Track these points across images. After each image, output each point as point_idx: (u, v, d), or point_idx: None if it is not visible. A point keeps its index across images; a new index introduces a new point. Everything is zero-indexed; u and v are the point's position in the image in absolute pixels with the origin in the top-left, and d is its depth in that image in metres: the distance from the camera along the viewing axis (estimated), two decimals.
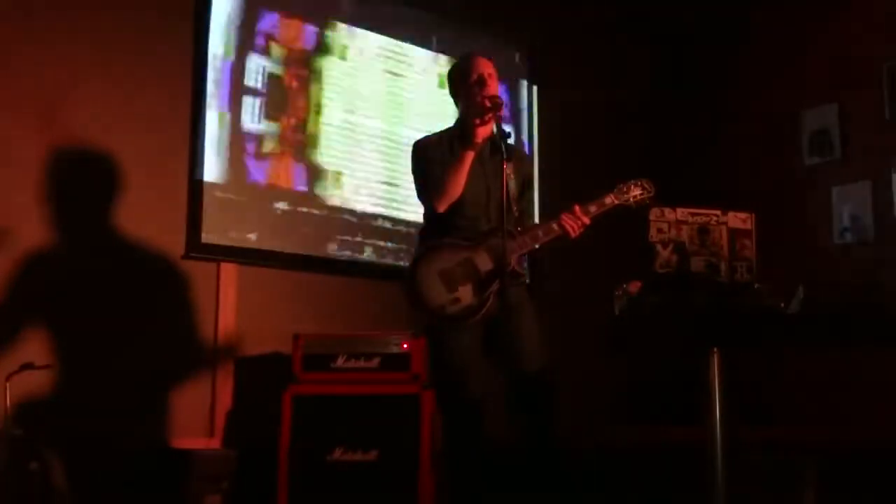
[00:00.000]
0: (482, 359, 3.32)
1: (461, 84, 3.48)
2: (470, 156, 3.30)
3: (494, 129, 3.24)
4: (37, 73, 3.89)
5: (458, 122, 3.52)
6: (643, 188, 3.51)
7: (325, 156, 4.68)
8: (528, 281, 3.59)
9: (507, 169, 3.20)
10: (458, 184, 3.32)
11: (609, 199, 3.45)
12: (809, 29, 5.39)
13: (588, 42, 5.51)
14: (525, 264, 3.57)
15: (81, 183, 3.98)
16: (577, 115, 5.33)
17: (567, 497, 3.28)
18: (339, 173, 4.71)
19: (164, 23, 4.22)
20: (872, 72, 5.04)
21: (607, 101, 5.49)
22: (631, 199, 3.48)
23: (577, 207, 3.38)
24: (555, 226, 3.37)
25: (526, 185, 3.63)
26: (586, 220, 3.37)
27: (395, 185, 4.84)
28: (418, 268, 3.34)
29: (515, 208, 3.43)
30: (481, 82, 3.40)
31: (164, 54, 4.21)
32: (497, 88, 3.43)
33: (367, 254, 4.72)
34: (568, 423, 3.87)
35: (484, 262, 3.28)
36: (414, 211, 4.18)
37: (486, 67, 3.45)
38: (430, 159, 3.45)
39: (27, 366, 3.48)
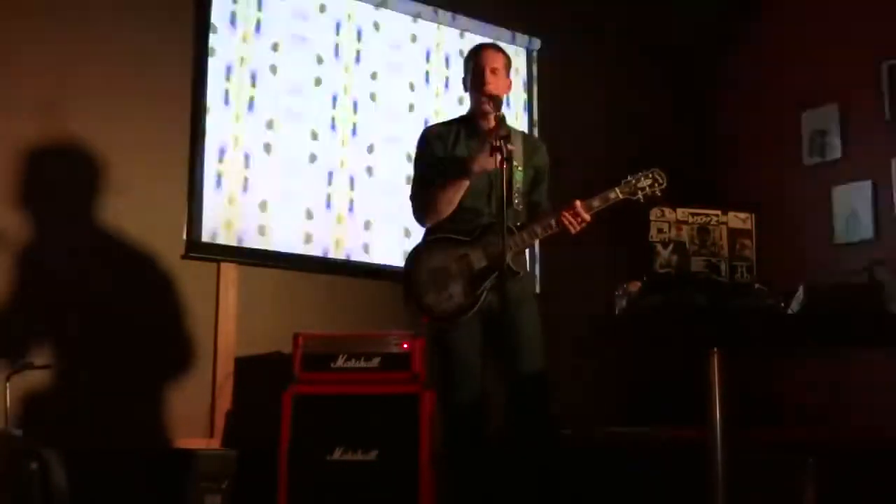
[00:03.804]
0: (480, 356, 3.28)
1: (467, 74, 3.46)
2: (464, 184, 3.26)
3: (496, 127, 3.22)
4: (37, 72, 3.89)
5: (469, 111, 3.49)
6: (654, 179, 3.32)
7: None
8: (525, 274, 3.49)
9: (517, 163, 3.18)
10: (449, 206, 3.29)
11: (613, 194, 3.29)
12: (810, 28, 5.39)
13: (587, 41, 5.50)
14: (525, 260, 3.50)
15: (81, 182, 3.98)
16: (576, 114, 5.32)
17: (566, 496, 3.27)
18: None
19: (164, 21, 4.22)
20: (872, 72, 5.04)
21: (606, 101, 5.49)
22: (639, 194, 3.30)
23: (577, 203, 3.24)
24: (553, 223, 3.27)
25: (539, 176, 3.49)
26: (587, 217, 3.24)
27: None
28: (413, 265, 3.30)
29: (518, 201, 3.29)
30: (482, 75, 3.36)
31: (164, 53, 4.20)
32: (500, 84, 3.38)
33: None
34: (568, 422, 3.87)
35: (479, 259, 3.23)
36: None
37: (493, 61, 3.39)
38: (428, 158, 3.40)
39: (27, 366, 3.48)
